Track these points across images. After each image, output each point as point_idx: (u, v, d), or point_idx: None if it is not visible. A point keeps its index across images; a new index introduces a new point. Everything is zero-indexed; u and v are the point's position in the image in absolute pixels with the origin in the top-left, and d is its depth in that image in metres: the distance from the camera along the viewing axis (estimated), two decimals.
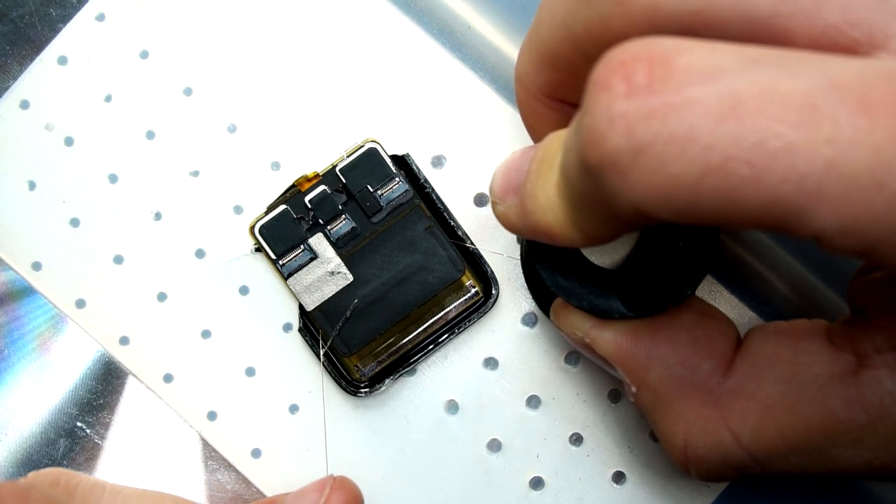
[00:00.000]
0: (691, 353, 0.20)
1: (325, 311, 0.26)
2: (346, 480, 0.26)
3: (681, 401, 0.20)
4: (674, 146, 0.14)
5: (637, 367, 0.21)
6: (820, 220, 0.14)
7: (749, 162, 0.14)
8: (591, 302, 0.21)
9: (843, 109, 0.13)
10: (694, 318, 0.21)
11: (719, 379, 0.20)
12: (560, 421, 0.27)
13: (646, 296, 0.21)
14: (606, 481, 0.27)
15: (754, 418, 0.19)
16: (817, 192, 0.13)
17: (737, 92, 0.14)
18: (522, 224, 0.20)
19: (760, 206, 0.14)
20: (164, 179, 0.28)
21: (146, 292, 0.28)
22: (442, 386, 0.27)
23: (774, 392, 0.19)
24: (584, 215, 0.17)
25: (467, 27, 0.28)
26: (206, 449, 0.28)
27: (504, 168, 0.20)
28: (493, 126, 0.28)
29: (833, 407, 0.18)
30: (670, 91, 0.14)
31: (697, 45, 0.15)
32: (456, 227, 0.27)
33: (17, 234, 0.28)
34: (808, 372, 0.19)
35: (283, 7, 0.28)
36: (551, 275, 0.22)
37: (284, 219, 0.27)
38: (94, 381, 0.28)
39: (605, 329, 0.21)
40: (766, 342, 0.20)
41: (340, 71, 0.28)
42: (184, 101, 0.28)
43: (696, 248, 0.21)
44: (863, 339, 0.19)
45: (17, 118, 0.28)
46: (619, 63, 0.15)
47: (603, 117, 0.15)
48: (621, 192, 0.15)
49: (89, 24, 0.28)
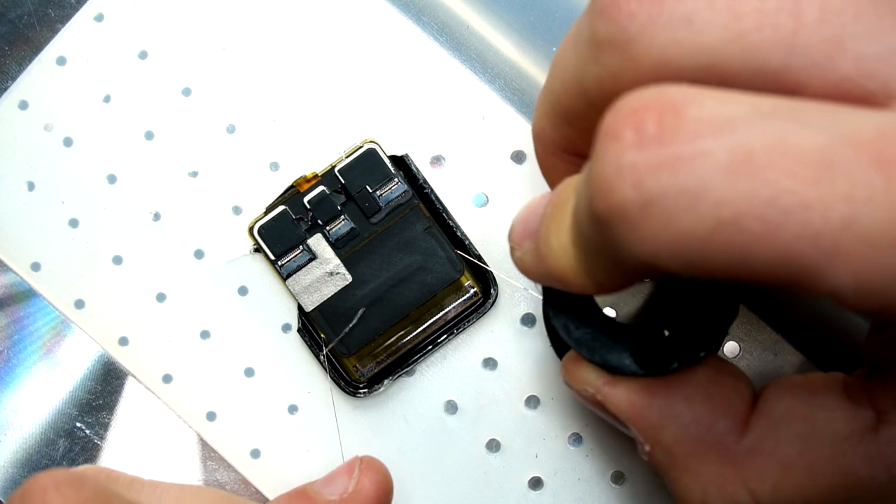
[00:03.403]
0: (707, 411, 0.19)
1: (324, 312, 0.26)
2: (374, 460, 0.25)
3: (697, 460, 0.19)
4: (684, 199, 0.14)
5: (651, 426, 0.20)
6: (834, 279, 0.13)
7: (761, 218, 0.13)
8: (603, 356, 0.20)
9: (859, 166, 0.13)
10: (709, 374, 0.20)
11: (736, 437, 0.19)
12: (559, 421, 0.27)
13: (659, 354, 0.20)
14: (606, 481, 0.27)
15: (773, 477, 0.18)
16: (833, 251, 0.13)
17: (749, 145, 0.13)
18: (537, 269, 0.19)
19: (773, 264, 0.14)
20: (163, 180, 0.28)
21: (145, 293, 0.28)
22: (441, 386, 0.27)
23: (793, 450, 0.18)
24: (594, 263, 0.17)
25: (466, 27, 0.28)
26: (205, 449, 0.28)
27: (522, 213, 0.20)
28: (492, 126, 0.28)
29: (853, 465, 0.18)
30: (681, 142, 0.14)
31: (709, 95, 0.14)
32: (455, 228, 0.27)
33: (16, 234, 0.28)
34: (826, 428, 0.18)
35: (281, 7, 0.28)
36: (564, 325, 0.21)
37: (283, 219, 0.27)
38: (93, 382, 0.28)
39: (618, 386, 0.20)
40: (783, 398, 0.19)
41: (339, 71, 0.28)
42: (183, 101, 0.28)
43: (715, 307, 0.20)
44: (881, 395, 0.18)
45: (15, 119, 0.28)
46: (629, 111, 0.15)
47: (612, 167, 0.14)
48: (629, 243, 0.15)
49: (88, 24, 0.28)
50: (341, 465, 0.25)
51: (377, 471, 0.25)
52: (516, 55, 0.28)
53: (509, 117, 0.28)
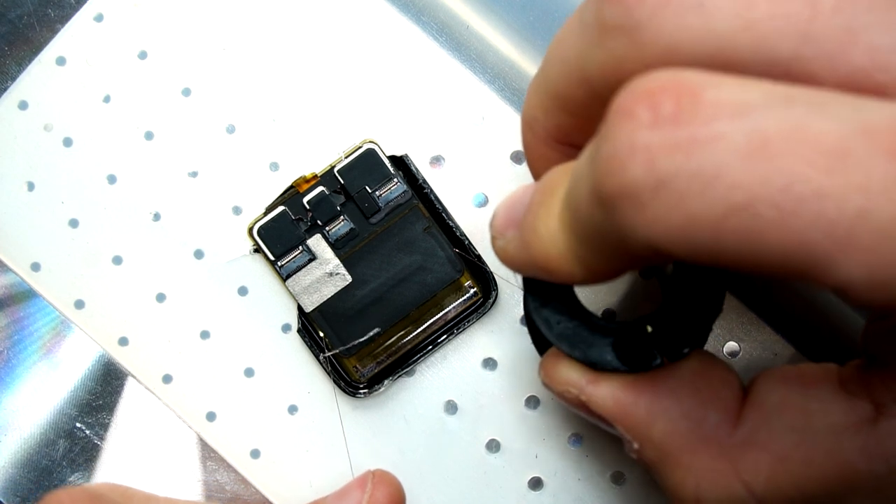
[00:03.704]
0: (696, 404, 0.19)
1: (323, 313, 0.26)
2: (386, 473, 0.25)
3: (689, 455, 0.19)
4: (697, 182, 0.13)
5: (639, 424, 0.19)
6: (846, 271, 0.13)
7: (775, 204, 0.13)
8: (584, 352, 0.20)
9: (876, 157, 0.13)
10: (695, 367, 0.20)
11: (728, 430, 0.19)
12: (559, 421, 0.27)
13: (642, 349, 0.20)
14: (605, 481, 0.27)
15: (767, 469, 0.18)
16: (846, 242, 0.13)
17: (766, 130, 0.13)
18: (521, 258, 0.19)
19: (784, 252, 0.13)
20: (162, 180, 0.28)
21: (145, 293, 0.28)
22: (441, 386, 0.27)
23: (787, 442, 0.18)
24: (589, 249, 0.17)
25: (466, 27, 0.28)
26: (204, 449, 0.28)
27: (507, 202, 0.20)
28: (492, 126, 0.28)
29: (851, 457, 0.17)
30: (697, 124, 0.14)
31: (727, 80, 0.14)
32: (454, 228, 0.27)
33: (15, 234, 0.28)
34: (822, 420, 0.18)
35: (281, 7, 0.28)
36: (545, 319, 0.21)
37: (283, 220, 0.27)
38: (93, 382, 0.28)
39: (601, 385, 0.20)
40: (775, 389, 0.19)
41: (339, 71, 0.28)
42: (182, 101, 0.28)
43: (699, 302, 0.20)
44: (880, 387, 0.18)
45: (15, 119, 0.28)
46: (645, 92, 0.14)
47: (624, 146, 0.14)
48: (636, 226, 0.14)
49: (88, 24, 0.28)
50: (354, 479, 0.25)
51: (390, 484, 0.25)
52: (516, 55, 0.28)
53: (509, 117, 0.28)
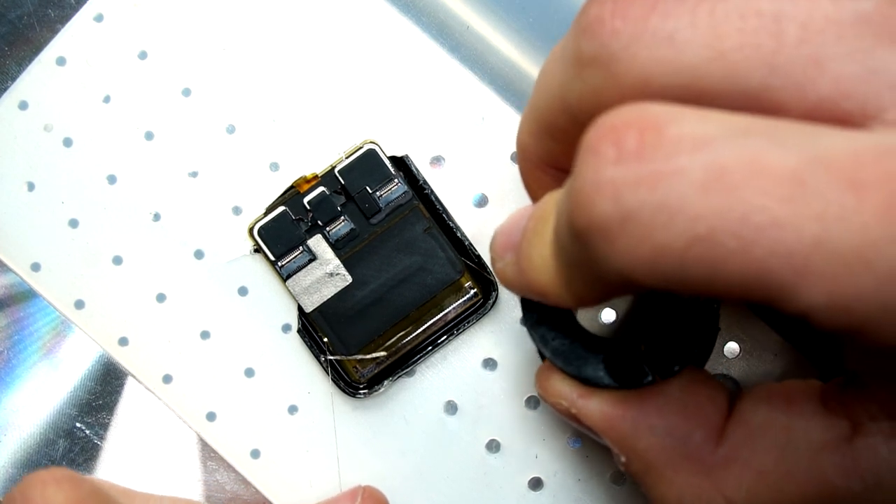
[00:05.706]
0: (681, 421, 0.20)
1: (324, 313, 0.26)
2: (376, 490, 0.26)
3: (672, 470, 0.20)
4: (661, 215, 0.14)
5: (625, 437, 0.20)
6: (806, 297, 0.14)
7: (735, 234, 0.13)
8: (578, 368, 0.21)
9: (831, 186, 0.13)
10: (683, 384, 0.20)
11: (711, 447, 0.19)
12: (559, 421, 0.27)
13: (634, 367, 0.20)
14: (605, 482, 0.27)
15: (749, 485, 0.19)
16: (804, 269, 0.13)
17: (723, 163, 0.14)
18: (518, 282, 0.20)
19: (746, 280, 0.14)
20: (162, 180, 0.28)
21: (145, 293, 0.28)
22: (441, 387, 0.27)
23: (769, 458, 0.19)
24: (574, 277, 0.17)
25: (466, 27, 0.28)
26: (205, 449, 0.28)
27: (505, 225, 0.21)
28: (492, 127, 0.28)
29: (829, 474, 0.18)
30: (660, 159, 0.14)
31: (688, 114, 0.15)
32: (455, 229, 0.27)
33: (15, 234, 0.28)
34: (802, 438, 0.18)
35: (281, 8, 0.28)
36: (542, 336, 0.21)
37: (283, 220, 0.27)
38: (93, 382, 0.28)
39: (591, 399, 0.21)
40: (759, 407, 0.19)
41: (339, 71, 0.28)
42: (182, 101, 0.28)
43: (692, 321, 0.20)
44: (857, 406, 0.18)
45: (15, 119, 0.28)
46: (609, 128, 0.15)
47: (591, 182, 0.15)
48: (608, 257, 0.15)
49: (88, 24, 0.28)
50: (343, 492, 0.26)
51: (379, 501, 0.25)
52: (516, 56, 0.28)
53: (509, 118, 0.28)
